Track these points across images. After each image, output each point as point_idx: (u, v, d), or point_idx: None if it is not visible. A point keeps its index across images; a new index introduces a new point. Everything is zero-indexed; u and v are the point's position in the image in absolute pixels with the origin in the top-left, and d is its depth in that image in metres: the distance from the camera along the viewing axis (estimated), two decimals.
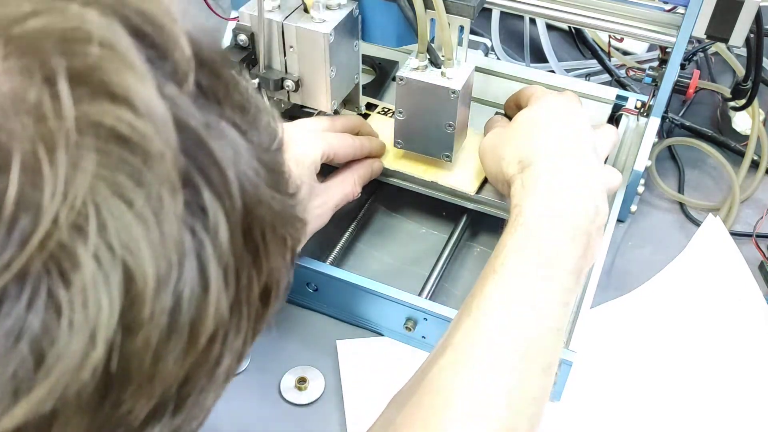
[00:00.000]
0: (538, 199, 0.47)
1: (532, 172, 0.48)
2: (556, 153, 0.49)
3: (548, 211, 0.46)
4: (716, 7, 0.56)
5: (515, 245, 0.45)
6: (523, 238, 0.45)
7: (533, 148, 0.50)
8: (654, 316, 0.60)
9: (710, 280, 0.58)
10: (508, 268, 0.44)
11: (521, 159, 0.50)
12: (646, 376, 0.56)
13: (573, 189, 0.47)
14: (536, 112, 0.54)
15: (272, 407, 0.54)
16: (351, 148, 0.59)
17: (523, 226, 0.45)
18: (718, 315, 0.56)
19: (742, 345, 0.54)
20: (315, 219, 0.55)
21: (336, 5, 0.56)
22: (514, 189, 0.49)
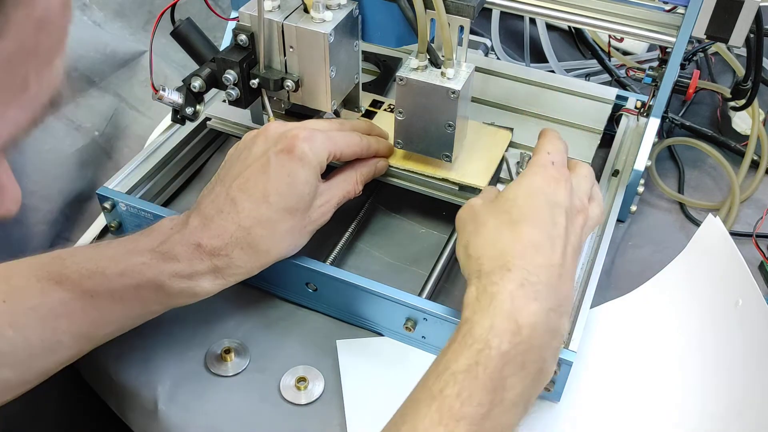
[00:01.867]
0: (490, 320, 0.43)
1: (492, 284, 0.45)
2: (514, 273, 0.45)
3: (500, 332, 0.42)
4: (716, 7, 0.56)
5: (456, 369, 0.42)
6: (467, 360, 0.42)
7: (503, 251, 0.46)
8: (654, 316, 0.60)
9: (710, 280, 0.58)
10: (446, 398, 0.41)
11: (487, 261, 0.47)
12: (646, 376, 0.56)
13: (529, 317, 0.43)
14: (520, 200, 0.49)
15: (272, 407, 0.54)
16: (357, 147, 0.58)
17: (470, 347, 0.42)
18: (718, 315, 0.56)
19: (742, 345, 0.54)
20: (318, 218, 0.55)
21: (336, 5, 0.56)
22: (470, 294, 0.46)
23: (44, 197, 0.66)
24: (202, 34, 0.60)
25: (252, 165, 0.53)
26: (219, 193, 0.53)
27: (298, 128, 0.54)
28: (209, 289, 0.51)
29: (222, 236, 0.51)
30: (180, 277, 0.50)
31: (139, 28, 0.79)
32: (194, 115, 0.59)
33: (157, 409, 0.54)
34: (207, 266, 0.51)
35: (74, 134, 0.69)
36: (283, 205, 0.52)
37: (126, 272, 0.49)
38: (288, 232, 0.53)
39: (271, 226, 0.52)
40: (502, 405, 0.41)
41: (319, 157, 0.54)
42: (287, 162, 0.52)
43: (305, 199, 0.53)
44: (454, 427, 0.40)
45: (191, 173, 0.72)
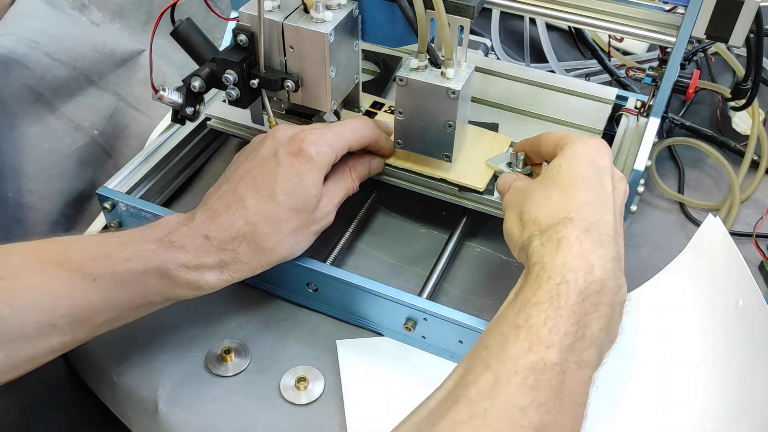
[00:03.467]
0: (562, 256, 0.44)
1: (556, 233, 0.45)
2: (577, 222, 0.46)
3: (574, 269, 0.43)
4: (716, 7, 0.56)
5: (538, 300, 0.42)
6: (547, 293, 0.42)
7: (559, 208, 0.47)
8: (654, 316, 0.60)
9: (710, 280, 0.58)
10: (532, 326, 0.41)
11: (544, 218, 0.47)
12: (646, 375, 0.56)
13: (598, 257, 0.44)
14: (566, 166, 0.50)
15: (272, 407, 0.54)
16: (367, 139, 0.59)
17: (548, 281, 0.43)
18: (718, 315, 0.56)
19: (743, 345, 0.54)
20: (322, 219, 0.55)
21: (336, 5, 0.56)
22: (534, 246, 0.46)
23: (44, 197, 0.66)
24: (202, 34, 0.60)
25: (260, 164, 0.54)
26: (226, 191, 0.53)
27: (307, 131, 0.54)
28: (213, 283, 0.51)
29: (229, 230, 0.51)
30: (187, 268, 0.50)
31: (137, 28, 0.79)
32: (194, 115, 0.59)
33: (157, 410, 0.54)
34: (214, 260, 0.51)
35: (74, 133, 0.69)
36: (290, 204, 0.52)
37: (132, 257, 0.49)
38: (293, 232, 0.53)
39: (277, 224, 0.52)
40: (584, 340, 0.41)
41: (327, 159, 0.54)
42: (296, 163, 0.53)
43: (312, 201, 0.53)
44: (545, 353, 0.39)
45: (191, 173, 0.72)
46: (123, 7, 0.77)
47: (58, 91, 0.68)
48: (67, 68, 0.68)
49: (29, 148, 0.65)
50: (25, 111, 0.65)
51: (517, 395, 0.38)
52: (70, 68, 0.68)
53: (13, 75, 0.64)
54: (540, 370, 0.39)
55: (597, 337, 0.42)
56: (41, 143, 0.66)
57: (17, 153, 0.64)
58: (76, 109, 0.69)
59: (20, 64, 0.64)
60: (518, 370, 0.39)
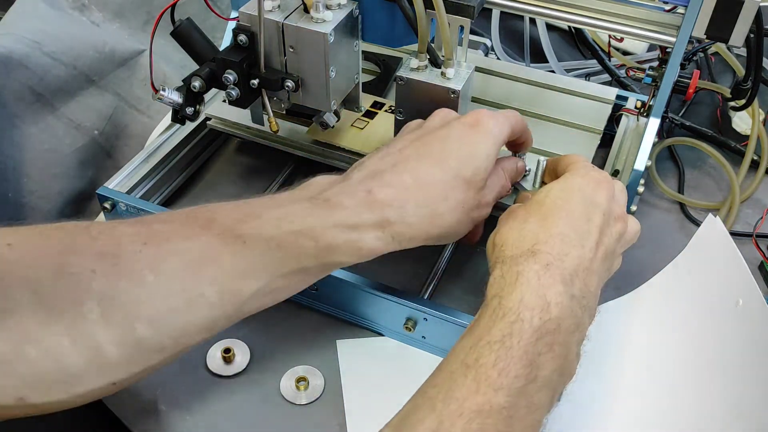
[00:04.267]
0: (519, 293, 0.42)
1: (516, 265, 0.44)
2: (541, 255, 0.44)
3: (530, 307, 0.42)
4: (716, 7, 0.56)
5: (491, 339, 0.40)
6: (500, 332, 0.41)
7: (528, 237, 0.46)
8: (654, 316, 0.59)
9: (710, 280, 0.58)
10: (481, 366, 0.39)
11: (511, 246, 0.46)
12: (646, 375, 0.56)
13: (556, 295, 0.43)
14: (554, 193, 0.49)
15: (272, 407, 0.54)
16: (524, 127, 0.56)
17: (502, 318, 0.41)
18: (718, 315, 0.56)
19: (742, 345, 0.54)
20: (483, 206, 0.52)
21: (336, 5, 0.56)
22: (495, 276, 0.45)
23: (44, 197, 0.66)
24: (202, 34, 0.60)
25: (431, 132, 0.51)
26: (389, 153, 0.50)
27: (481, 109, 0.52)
28: (373, 245, 0.47)
29: (396, 186, 0.47)
30: (344, 227, 0.46)
31: (137, 28, 0.79)
32: (194, 115, 0.59)
33: (157, 410, 0.54)
34: (375, 217, 0.46)
35: (74, 133, 0.69)
36: (462, 172, 0.49)
37: (285, 216, 0.45)
38: (460, 204, 0.49)
39: (448, 191, 0.48)
40: (536, 383, 0.40)
41: (504, 133, 0.51)
42: (471, 133, 0.50)
43: (481, 175, 0.50)
44: (493, 396, 0.38)
45: (191, 173, 0.72)
46: (123, 7, 0.77)
47: (58, 91, 0.68)
48: (67, 68, 0.68)
49: (29, 148, 0.65)
50: (25, 111, 0.65)
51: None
52: (71, 68, 0.68)
53: (13, 75, 0.64)
54: (486, 414, 0.38)
55: (550, 379, 0.41)
56: (41, 143, 0.66)
57: (17, 153, 0.64)
58: (76, 109, 0.69)
59: (20, 64, 0.64)
60: (463, 413, 0.38)
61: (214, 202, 0.48)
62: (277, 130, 0.61)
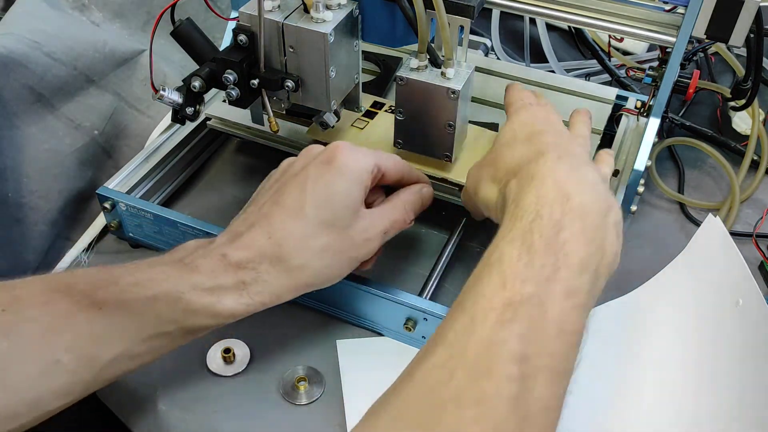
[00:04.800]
0: (535, 192, 0.42)
1: (529, 169, 0.44)
2: (549, 154, 0.45)
3: (549, 202, 0.41)
4: (716, 7, 0.56)
5: (512, 237, 0.40)
6: (520, 230, 0.40)
7: (529, 150, 0.47)
8: (654, 316, 0.59)
9: (710, 280, 0.58)
10: (505, 263, 0.39)
11: (517, 164, 0.46)
12: (646, 375, 0.56)
13: (576, 183, 0.42)
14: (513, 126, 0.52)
15: (272, 407, 0.54)
16: (401, 165, 0.55)
17: (521, 218, 0.41)
18: (718, 315, 0.56)
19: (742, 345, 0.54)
20: (362, 244, 0.51)
21: (336, 5, 0.56)
22: (511, 187, 0.44)
23: (44, 197, 0.66)
24: (202, 34, 0.60)
25: (289, 180, 0.50)
26: (251, 212, 0.50)
27: (340, 141, 0.51)
28: (232, 308, 0.47)
29: (250, 248, 0.47)
30: (200, 290, 0.46)
31: (137, 29, 0.79)
32: (194, 115, 0.59)
33: (157, 410, 0.54)
34: (232, 281, 0.46)
35: (74, 133, 0.69)
36: (320, 218, 0.48)
37: (141, 282, 0.45)
38: (324, 250, 0.48)
39: (305, 240, 0.48)
40: (568, 268, 0.39)
41: (362, 168, 0.50)
42: (326, 172, 0.49)
43: (344, 213, 0.49)
44: (520, 287, 0.38)
45: (191, 173, 0.72)
46: (123, 7, 0.77)
47: (58, 91, 0.68)
48: (67, 68, 0.68)
49: (29, 148, 0.65)
50: (25, 111, 0.65)
51: (493, 331, 0.37)
52: (70, 68, 0.68)
53: (13, 75, 0.64)
54: (517, 304, 0.38)
55: (587, 262, 0.40)
56: (41, 143, 0.66)
57: (17, 153, 0.64)
58: (76, 109, 0.69)
59: (20, 64, 0.64)
60: (494, 307, 0.38)
61: None
62: (277, 130, 0.61)
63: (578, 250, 0.40)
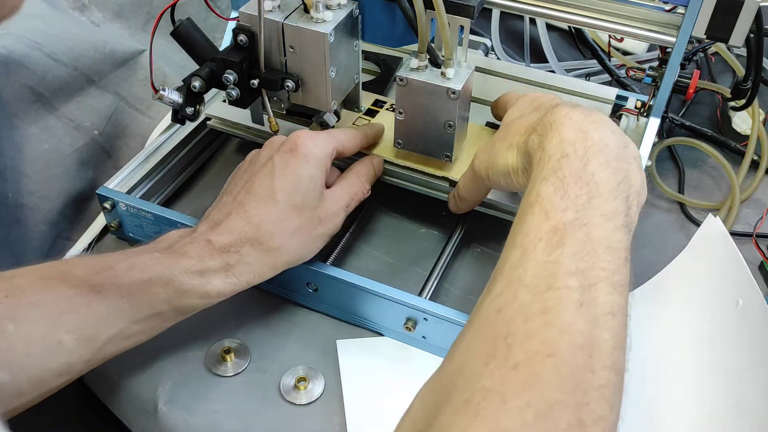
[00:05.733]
0: (558, 136, 0.45)
1: (547, 121, 0.46)
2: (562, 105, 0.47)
3: (571, 141, 0.44)
4: (716, 7, 0.56)
5: (544, 176, 0.43)
6: (551, 169, 0.43)
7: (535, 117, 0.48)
8: (654, 316, 0.59)
9: (710, 280, 0.58)
10: (543, 198, 0.42)
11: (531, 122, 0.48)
12: (646, 376, 0.56)
13: (592, 122, 0.45)
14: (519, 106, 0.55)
15: (272, 407, 0.54)
16: (357, 138, 0.60)
17: (549, 160, 0.44)
18: (718, 315, 0.56)
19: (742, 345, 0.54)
20: (327, 222, 0.55)
21: (336, 5, 0.56)
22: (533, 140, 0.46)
23: (44, 197, 0.66)
24: (202, 34, 0.60)
25: (258, 171, 0.55)
26: (226, 202, 0.54)
27: (300, 131, 0.56)
28: (220, 288, 0.51)
29: (232, 233, 0.51)
30: (191, 273, 0.50)
31: (137, 29, 0.79)
32: (194, 115, 0.59)
33: (157, 410, 0.54)
34: (218, 263, 0.50)
35: (74, 133, 0.69)
36: (290, 202, 0.53)
37: (135, 266, 0.49)
38: (297, 231, 0.53)
39: (280, 223, 0.52)
40: (600, 196, 0.42)
41: (323, 152, 0.55)
42: (291, 160, 0.53)
43: (311, 196, 0.54)
44: (561, 216, 0.40)
45: (191, 173, 0.72)
46: (123, 7, 0.77)
47: (58, 91, 0.68)
48: (67, 68, 0.68)
49: (29, 148, 0.65)
50: (25, 111, 0.65)
51: (546, 253, 0.39)
52: (71, 68, 0.68)
53: (13, 75, 0.64)
54: (562, 230, 0.40)
55: (617, 189, 0.43)
56: (41, 143, 0.66)
57: (17, 153, 0.64)
58: (76, 109, 0.69)
59: (20, 64, 0.64)
60: (542, 237, 0.40)
61: None
62: (277, 130, 0.61)
63: (607, 179, 0.43)
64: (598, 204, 0.41)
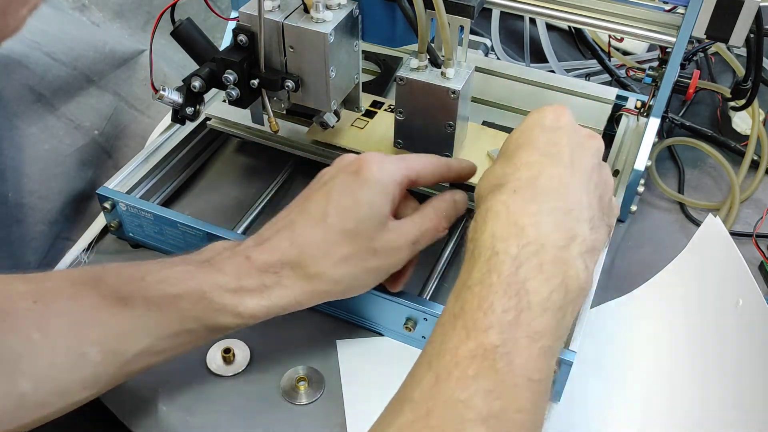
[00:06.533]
0: (490, 228, 0.41)
1: (485, 204, 0.43)
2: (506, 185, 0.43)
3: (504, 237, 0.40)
4: (716, 7, 0.56)
5: (471, 282, 0.40)
6: (479, 272, 0.40)
7: (496, 176, 0.45)
8: (654, 316, 0.60)
9: (710, 280, 0.58)
10: (467, 312, 0.38)
11: (482, 192, 0.45)
12: (646, 376, 0.56)
13: (531, 215, 0.41)
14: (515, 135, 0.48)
15: (272, 407, 0.54)
16: (436, 167, 0.53)
17: (479, 258, 0.40)
18: (718, 315, 0.56)
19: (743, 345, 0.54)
20: (387, 254, 0.49)
21: (336, 5, 0.56)
22: (471, 223, 0.43)
23: (44, 197, 0.66)
24: (202, 34, 0.60)
25: (317, 189, 0.51)
26: (280, 218, 0.51)
27: (371, 153, 0.51)
28: (253, 309, 0.47)
29: (273, 252, 0.48)
30: (224, 291, 0.47)
31: (138, 29, 0.79)
32: (194, 115, 0.59)
33: (158, 410, 0.54)
34: (254, 283, 0.47)
35: (74, 133, 0.69)
36: (342, 226, 0.48)
37: (167, 279, 0.46)
38: (345, 259, 0.48)
39: (325, 248, 0.48)
40: (530, 311, 0.38)
41: (389, 178, 0.49)
42: (352, 182, 0.49)
43: (367, 224, 0.48)
44: (484, 338, 0.37)
45: (191, 173, 0.72)
46: (123, 7, 0.77)
47: (58, 91, 0.68)
48: (67, 68, 0.68)
49: (29, 148, 0.65)
50: (25, 111, 0.65)
51: (458, 389, 0.36)
52: (71, 68, 0.68)
53: (13, 75, 0.64)
54: (481, 357, 0.37)
55: (549, 300, 0.39)
56: (41, 143, 0.66)
57: (17, 153, 0.64)
58: (76, 109, 0.69)
59: (20, 64, 0.64)
60: (458, 362, 0.37)
61: None
62: (277, 130, 0.61)
63: (539, 287, 0.39)
64: (527, 320, 0.38)
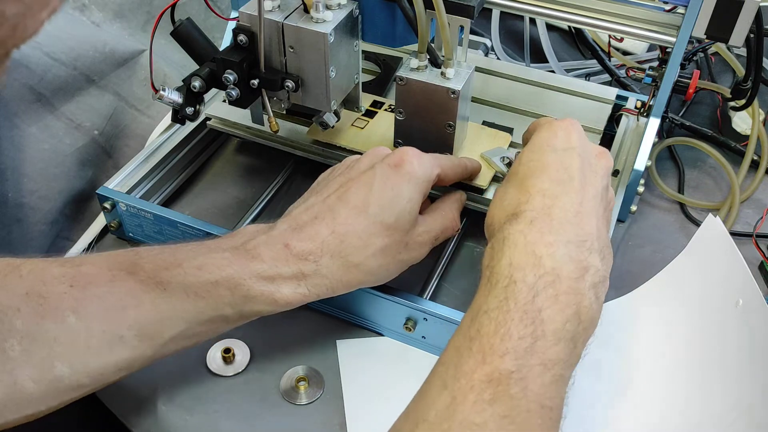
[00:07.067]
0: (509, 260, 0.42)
1: (501, 233, 0.44)
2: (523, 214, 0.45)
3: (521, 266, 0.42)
4: (716, 7, 0.56)
5: (488, 308, 0.41)
6: (496, 299, 0.41)
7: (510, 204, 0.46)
8: (654, 316, 0.59)
9: (710, 280, 0.58)
10: (483, 337, 0.39)
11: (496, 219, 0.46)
12: (646, 376, 0.56)
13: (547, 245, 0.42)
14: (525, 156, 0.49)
15: (272, 407, 0.54)
16: (459, 168, 0.57)
17: (496, 285, 0.41)
18: (719, 315, 0.56)
19: (743, 345, 0.54)
20: (415, 247, 0.52)
21: (336, 5, 0.56)
22: (487, 251, 0.45)
23: (44, 197, 0.66)
24: (202, 34, 0.60)
25: (356, 177, 0.51)
26: (314, 203, 0.51)
27: (408, 147, 0.52)
28: (289, 297, 0.48)
29: (314, 240, 0.48)
30: (261, 279, 0.47)
31: (138, 29, 0.79)
32: (194, 115, 0.59)
33: (157, 410, 0.54)
34: (292, 270, 0.48)
35: (74, 133, 0.69)
36: (382, 218, 0.49)
37: (204, 266, 0.47)
38: (382, 250, 0.50)
39: (366, 238, 0.49)
40: (545, 339, 0.39)
41: (426, 175, 0.51)
42: (393, 175, 0.50)
43: (405, 218, 0.50)
44: (500, 363, 0.38)
45: (191, 173, 0.72)
46: (123, 7, 0.77)
47: (58, 91, 0.68)
48: (67, 68, 0.68)
49: (29, 148, 0.65)
50: (25, 111, 0.65)
51: (474, 412, 0.37)
52: (71, 68, 0.68)
53: (13, 75, 0.64)
54: (496, 382, 0.38)
55: (563, 330, 0.40)
56: (41, 143, 0.66)
57: (17, 153, 0.64)
58: (76, 109, 0.69)
59: (20, 64, 0.64)
60: (474, 386, 0.38)
61: None
62: (277, 130, 0.61)
63: (554, 316, 0.40)
64: (542, 348, 0.39)
